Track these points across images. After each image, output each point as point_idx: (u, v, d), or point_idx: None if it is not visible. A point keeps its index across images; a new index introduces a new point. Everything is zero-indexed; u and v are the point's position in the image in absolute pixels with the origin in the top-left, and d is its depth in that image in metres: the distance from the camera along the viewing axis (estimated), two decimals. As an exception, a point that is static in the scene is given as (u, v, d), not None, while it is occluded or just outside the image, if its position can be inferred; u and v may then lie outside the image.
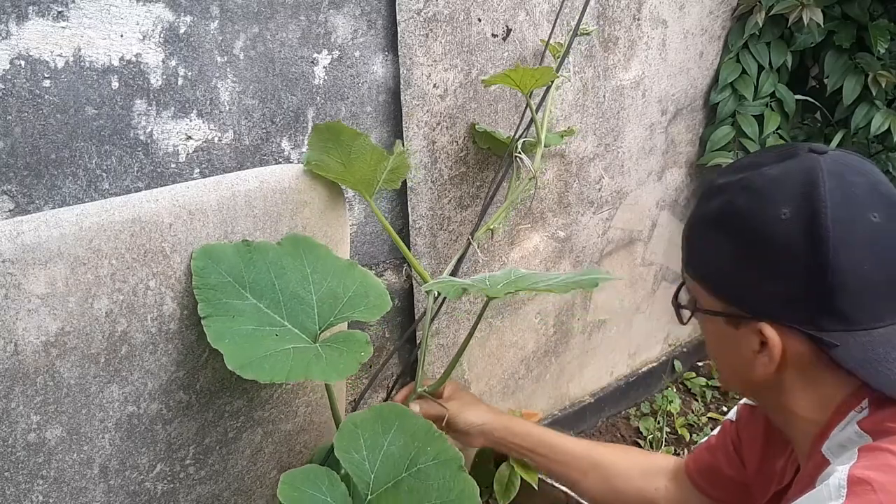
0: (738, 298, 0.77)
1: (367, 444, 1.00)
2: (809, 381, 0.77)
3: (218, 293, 0.97)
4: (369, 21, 1.23)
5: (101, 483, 0.96)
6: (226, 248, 0.99)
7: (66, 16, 0.91)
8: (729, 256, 0.77)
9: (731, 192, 0.77)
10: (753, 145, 1.97)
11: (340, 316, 1.05)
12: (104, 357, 0.92)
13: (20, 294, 0.82)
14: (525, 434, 1.17)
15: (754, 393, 0.87)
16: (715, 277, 0.80)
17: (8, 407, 0.84)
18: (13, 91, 0.90)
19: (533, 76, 1.24)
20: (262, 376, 0.90)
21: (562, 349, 1.91)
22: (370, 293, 1.07)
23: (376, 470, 0.99)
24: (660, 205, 2.05)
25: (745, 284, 0.76)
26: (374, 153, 1.07)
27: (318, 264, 1.06)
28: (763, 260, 0.74)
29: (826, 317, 0.72)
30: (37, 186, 0.95)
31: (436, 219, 1.43)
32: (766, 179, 0.75)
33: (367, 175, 1.10)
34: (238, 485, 1.14)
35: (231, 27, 1.06)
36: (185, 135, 1.06)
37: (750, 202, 0.75)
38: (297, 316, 1.02)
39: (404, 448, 1.01)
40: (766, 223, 0.73)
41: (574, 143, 1.67)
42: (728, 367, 0.86)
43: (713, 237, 0.79)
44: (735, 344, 0.80)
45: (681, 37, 1.86)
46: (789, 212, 0.72)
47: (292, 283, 1.03)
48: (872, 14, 1.92)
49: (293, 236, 1.07)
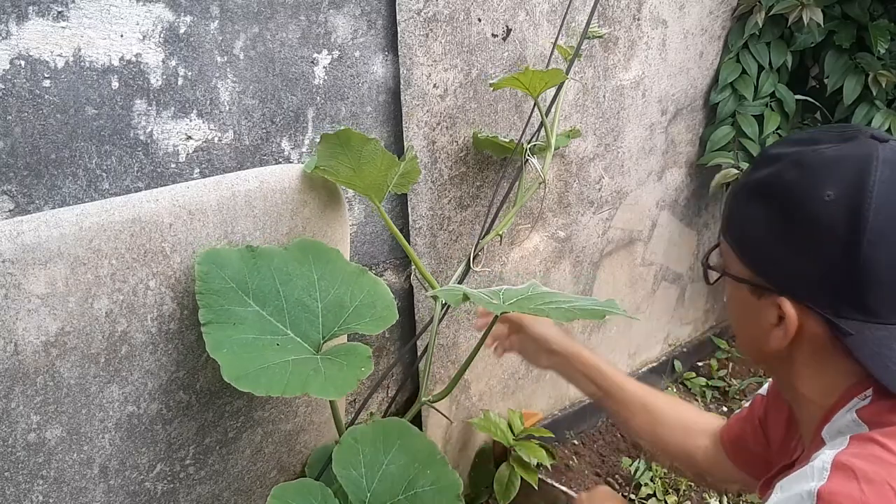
0: (766, 270, 0.78)
1: (367, 461, 0.98)
2: (819, 364, 0.77)
3: (220, 299, 0.95)
4: (369, 21, 1.23)
5: (101, 483, 0.96)
6: (231, 254, 0.98)
7: (66, 16, 0.91)
8: (766, 227, 0.77)
9: (783, 164, 0.76)
10: (753, 145, 1.97)
11: (344, 326, 1.03)
12: (104, 357, 0.92)
13: (20, 294, 0.82)
14: (592, 365, 1.18)
15: (767, 364, 0.88)
16: (748, 245, 0.80)
17: (8, 407, 0.84)
18: (13, 91, 0.90)
19: (542, 79, 1.22)
20: (259, 389, 0.88)
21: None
22: (377, 303, 1.05)
23: (373, 489, 0.97)
24: (660, 205, 2.05)
25: (775, 258, 0.76)
26: (384, 158, 1.04)
27: (327, 270, 1.04)
28: (798, 237, 0.74)
29: (847, 305, 0.72)
30: (37, 186, 0.95)
31: (436, 219, 1.43)
32: (820, 158, 0.74)
33: (378, 180, 1.07)
34: (238, 485, 1.14)
35: (231, 27, 1.06)
36: (185, 135, 1.06)
37: (798, 178, 0.74)
38: (301, 324, 1.00)
39: (404, 469, 0.99)
40: (810, 201, 0.72)
41: (574, 143, 1.67)
42: (745, 334, 0.87)
43: (755, 205, 0.79)
44: (755, 313, 0.80)
45: (681, 37, 1.86)
46: (834, 194, 0.71)
47: (298, 290, 1.01)
48: (872, 14, 1.92)
49: (301, 241, 1.05)
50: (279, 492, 0.93)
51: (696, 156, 2.10)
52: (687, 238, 2.23)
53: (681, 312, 2.36)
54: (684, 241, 2.23)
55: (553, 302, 1.03)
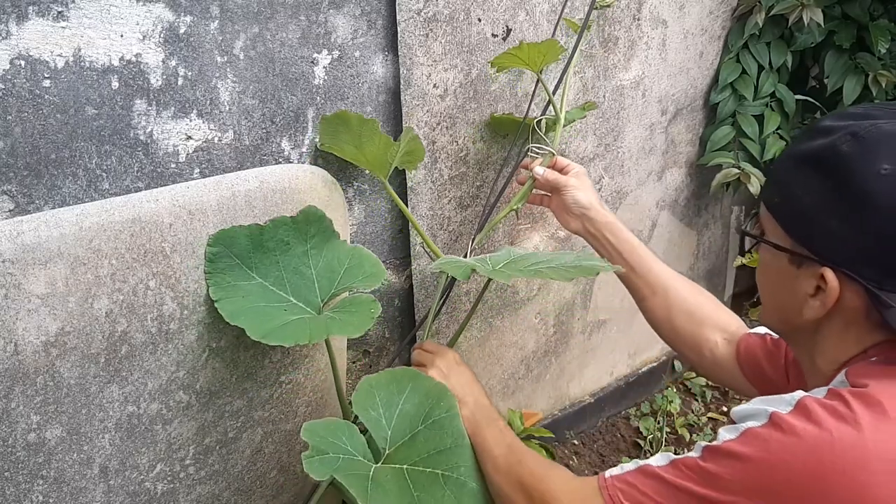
0: (810, 239, 0.78)
1: (383, 403, 1.03)
2: (849, 335, 0.78)
3: (226, 276, 1.01)
4: (369, 21, 1.23)
5: (101, 483, 0.96)
6: (238, 231, 1.02)
7: (66, 16, 0.91)
8: (815, 196, 0.77)
9: (838, 136, 0.76)
10: (753, 145, 1.97)
11: (340, 286, 1.08)
12: (104, 357, 0.92)
13: (20, 294, 0.82)
14: (622, 238, 1.19)
15: (789, 332, 0.88)
16: (792, 213, 0.80)
17: (8, 407, 0.84)
18: (13, 91, 0.90)
19: (540, 51, 1.22)
20: (287, 340, 0.94)
21: (562, 349, 1.91)
22: (364, 263, 1.11)
23: (393, 426, 1.02)
24: (660, 205, 2.05)
25: (821, 227, 0.77)
26: (381, 139, 1.12)
27: (317, 239, 1.10)
28: (849, 209, 0.74)
29: (892, 277, 0.73)
30: (37, 186, 0.95)
31: (436, 219, 1.43)
32: (878, 132, 0.73)
33: (380, 157, 1.14)
34: (238, 485, 1.14)
35: (231, 27, 1.06)
36: (185, 135, 1.06)
37: (854, 150, 0.74)
38: (300, 291, 1.06)
39: (418, 406, 1.04)
40: (864, 173, 0.72)
41: (574, 143, 1.67)
42: (775, 303, 0.87)
43: (805, 173, 0.78)
44: (791, 283, 0.81)
45: (681, 37, 1.86)
46: (890, 168, 0.71)
47: (294, 260, 1.07)
48: (872, 14, 1.92)
49: (308, 208, 1.09)
50: (310, 426, 0.96)
51: (696, 156, 2.10)
52: (687, 238, 2.23)
53: (681, 312, 2.36)
54: (684, 241, 2.23)
55: (539, 263, 1.07)
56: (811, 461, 0.67)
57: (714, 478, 0.73)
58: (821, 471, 0.67)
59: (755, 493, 0.70)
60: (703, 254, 2.34)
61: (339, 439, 0.96)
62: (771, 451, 0.70)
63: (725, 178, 1.97)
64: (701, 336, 1.12)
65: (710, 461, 0.74)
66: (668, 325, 1.15)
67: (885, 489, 0.65)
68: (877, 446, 0.66)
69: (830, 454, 0.67)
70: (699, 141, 2.09)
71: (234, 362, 1.06)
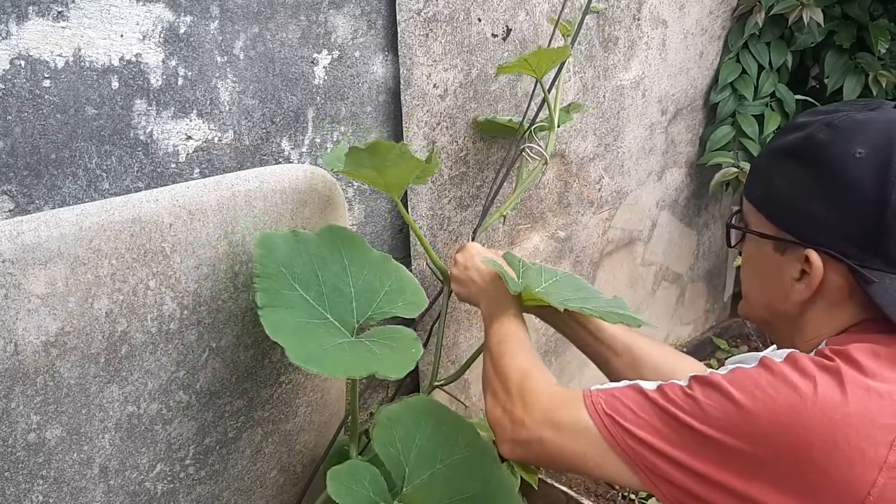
0: (793, 224, 0.82)
1: (401, 439, 1.02)
2: (832, 316, 0.82)
3: (274, 283, 0.98)
4: (369, 21, 1.23)
5: (101, 483, 0.96)
6: (278, 237, 1.00)
7: (66, 16, 0.91)
8: (795, 184, 0.81)
9: (813, 127, 0.81)
10: (753, 145, 1.97)
11: (378, 311, 1.05)
12: (104, 357, 0.92)
13: (20, 294, 0.82)
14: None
15: (773, 320, 0.91)
16: (775, 203, 0.84)
17: (8, 407, 0.84)
18: (13, 91, 0.90)
19: (549, 57, 1.24)
20: (325, 371, 0.90)
21: (562, 349, 1.91)
22: (406, 289, 1.08)
23: (410, 464, 1.01)
24: (660, 205, 2.05)
25: (803, 212, 0.80)
26: (411, 162, 1.04)
27: (355, 255, 1.06)
28: (829, 191, 0.78)
29: (872, 254, 0.76)
30: (37, 186, 0.95)
31: (436, 219, 1.43)
32: (851, 121, 0.79)
33: (401, 179, 1.09)
34: (238, 485, 1.14)
35: (231, 27, 1.06)
36: (185, 135, 1.06)
37: (829, 137, 0.79)
38: (337, 309, 1.03)
39: (437, 444, 1.03)
40: (841, 158, 0.77)
41: (574, 143, 1.67)
42: (760, 291, 0.90)
43: (785, 164, 0.83)
44: (776, 269, 0.84)
45: (681, 37, 1.86)
46: (864, 152, 0.76)
47: (332, 276, 1.04)
48: (872, 14, 1.92)
49: (330, 228, 1.07)
50: (334, 475, 0.96)
51: (696, 156, 2.10)
52: (687, 238, 2.23)
53: (681, 312, 2.36)
54: (684, 241, 2.23)
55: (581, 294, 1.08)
56: (793, 398, 0.71)
57: (696, 404, 0.75)
58: (801, 407, 0.70)
59: (735, 428, 0.72)
60: (703, 254, 2.34)
61: (362, 486, 0.96)
62: (757, 386, 0.73)
63: (724, 177, 1.97)
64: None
65: (696, 389, 0.77)
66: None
67: (858, 431, 0.69)
68: (854, 396, 0.70)
69: (812, 395, 0.70)
70: (699, 141, 2.09)
71: (234, 362, 1.06)
